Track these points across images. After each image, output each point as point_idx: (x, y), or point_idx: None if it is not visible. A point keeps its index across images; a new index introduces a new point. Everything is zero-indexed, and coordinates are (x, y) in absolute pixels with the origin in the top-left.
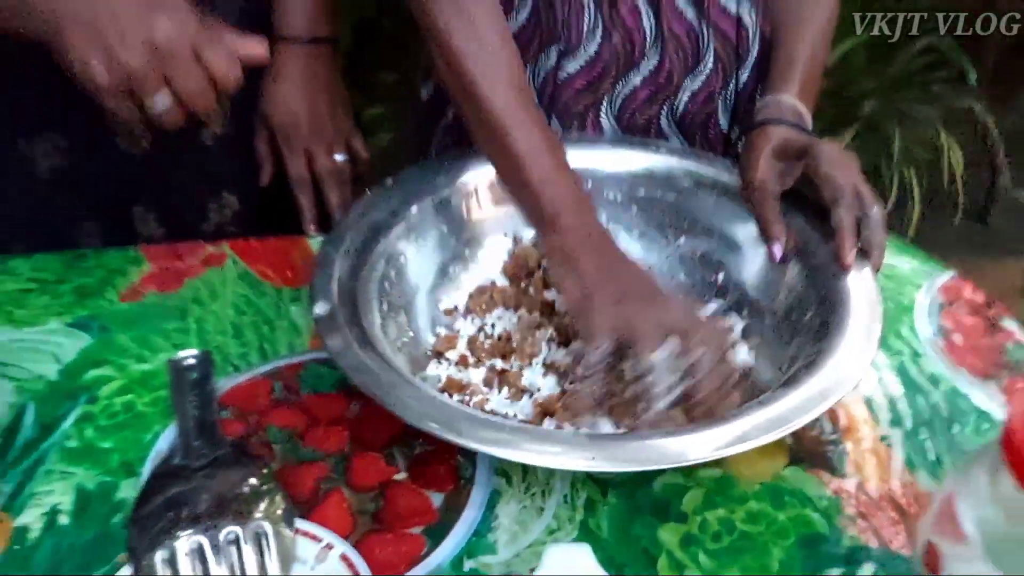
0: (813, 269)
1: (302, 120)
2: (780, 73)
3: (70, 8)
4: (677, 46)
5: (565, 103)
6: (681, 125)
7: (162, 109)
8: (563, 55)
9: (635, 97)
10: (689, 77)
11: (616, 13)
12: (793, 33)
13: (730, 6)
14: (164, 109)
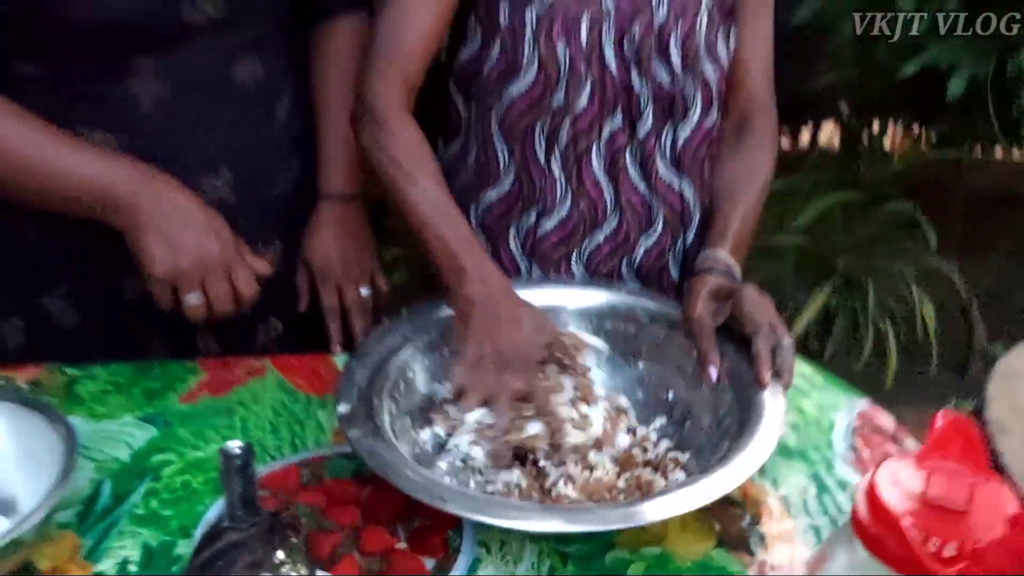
0: (739, 387)
1: (335, 262)
2: (718, 234)
3: (153, 219)
4: (633, 212)
5: (543, 253)
6: (639, 275)
7: (192, 304)
8: (540, 216)
9: (599, 251)
10: (643, 236)
11: (582, 185)
12: (729, 204)
13: (674, 183)
14: (193, 305)
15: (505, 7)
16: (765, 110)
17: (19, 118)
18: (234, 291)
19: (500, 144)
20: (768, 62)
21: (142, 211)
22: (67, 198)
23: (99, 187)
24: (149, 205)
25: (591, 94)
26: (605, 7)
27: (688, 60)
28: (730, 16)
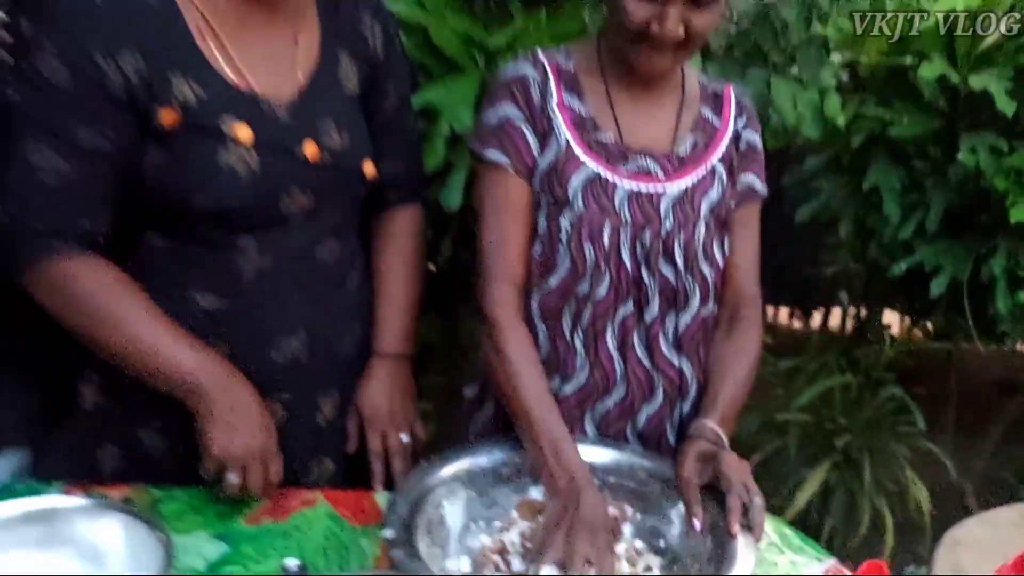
0: (718, 537)
1: (382, 412)
2: (708, 405)
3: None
4: (638, 384)
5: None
6: (641, 437)
7: (230, 483)
8: (563, 381)
9: (609, 415)
10: (646, 405)
11: (597, 358)
12: (719, 381)
13: (674, 361)
14: (231, 483)
15: (543, 217)
16: (752, 303)
17: (133, 295)
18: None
19: (537, 321)
20: (754, 264)
21: (214, 403)
22: (156, 372)
23: (187, 373)
24: (220, 399)
25: (609, 285)
26: (623, 217)
27: (689, 261)
28: (724, 227)
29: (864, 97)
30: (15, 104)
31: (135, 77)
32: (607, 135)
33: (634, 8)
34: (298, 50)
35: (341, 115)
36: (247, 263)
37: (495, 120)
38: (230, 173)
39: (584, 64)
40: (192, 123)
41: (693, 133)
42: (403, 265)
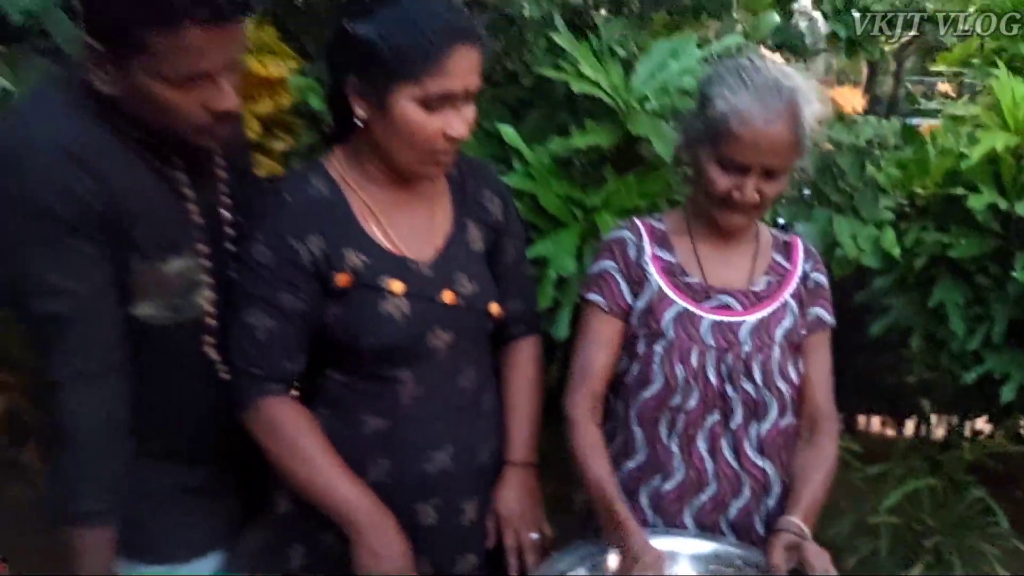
0: None
1: (516, 513)
2: (793, 504)
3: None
4: (727, 482)
5: (664, 508)
6: (733, 529)
7: None
8: (663, 480)
9: (704, 508)
10: (735, 500)
11: (691, 460)
12: (802, 484)
13: (757, 463)
14: None
15: (642, 344)
16: (828, 416)
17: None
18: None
19: (635, 427)
20: (828, 381)
21: (367, 534)
22: (325, 502)
23: (351, 509)
24: (371, 532)
25: (698, 399)
26: (707, 343)
27: (766, 379)
28: (797, 350)
29: (924, 223)
30: (235, 281)
31: (319, 253)
32: (693, 278)
33: (718, 179)
34: (436, 222)
35: (471, 269)
36: (405, 391)
37: (597, 271)
38: (388, 318)
39: (673, 225)
40: (360, 283)
41: (767, 275)
42: (527, 387)
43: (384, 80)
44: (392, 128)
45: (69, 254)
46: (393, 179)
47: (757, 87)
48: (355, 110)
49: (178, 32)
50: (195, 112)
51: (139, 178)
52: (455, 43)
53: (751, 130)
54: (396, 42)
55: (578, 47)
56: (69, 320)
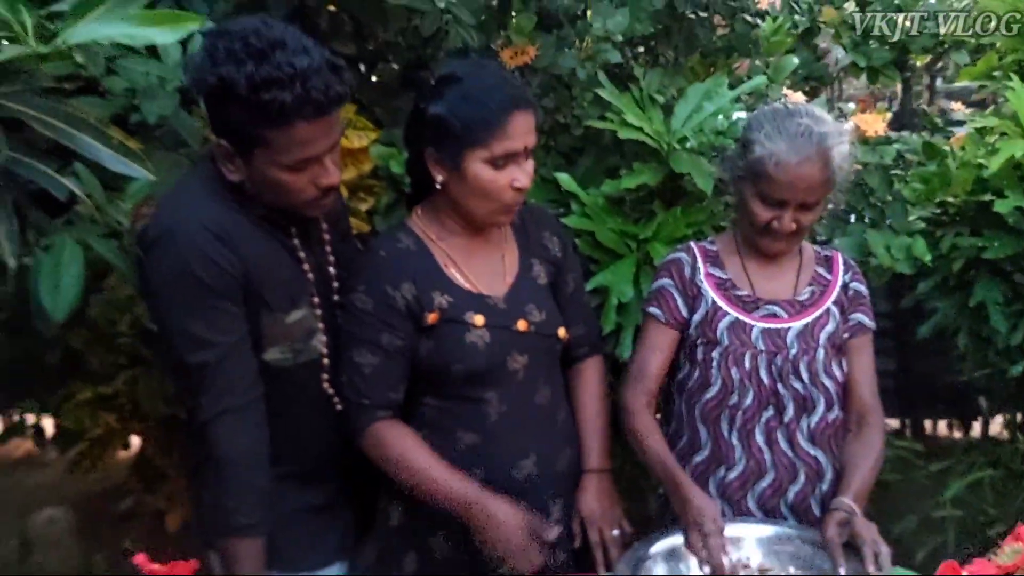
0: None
1: (597, 514)
2: (844, 487)
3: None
4: (784, 470)
5: (729, 496)
6: (792, 511)
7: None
8: (727, 470)
9: (764, 494)
10: (792, 486)
11: (750, 451)
12: (851, 470)
13: (809, 452)
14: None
15: (700, 351)
16: (873, 410)
17: (424, 449)
18: None
19: (700, 427)
20: (872, 379)
21: (486, 517)
22: (445, 500)
23: (467, 500)
24: (490, 514)
25: (753, 397)
26: (758, 347)
27: (812, 377)
28: (840, 351)
29: (958, 229)
30: (342, 326)
31: (411, 297)
32: (743, 291)
33: (759, 211)
34: (505, 263)
35: (539, 300)
36: (492, 410)
37: (656, 288)
38: (473, 347)
39: (724, 246)
40: (446, 319)
41: (811, 285)
42: (595, 402)
43: (457, 148)
44: (467, 187)
45: (214, 313)
46: (467, 229)
47: (790, 134)
48: (434, 175)
49: (290, 129)
50: (307, 189)
51: (265, 247)
52: (513, 110)
53: (786, 172)
54: (464, 116)
55: (621, 98)
56: (216, 367)
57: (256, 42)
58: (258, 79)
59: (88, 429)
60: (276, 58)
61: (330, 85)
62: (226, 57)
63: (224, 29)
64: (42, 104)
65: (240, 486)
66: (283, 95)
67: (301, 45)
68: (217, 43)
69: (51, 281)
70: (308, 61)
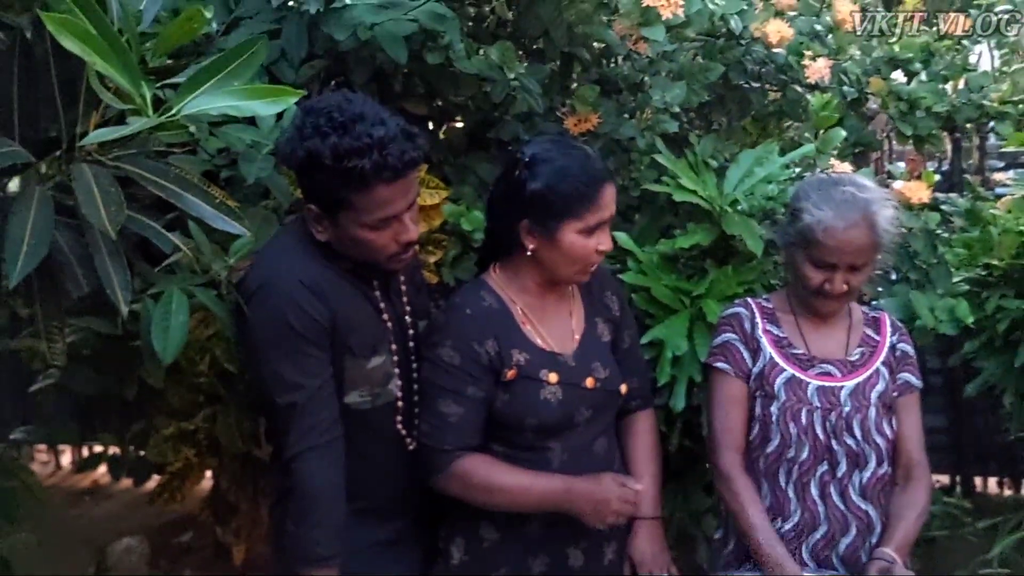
0: None
1: (647, 558)
2: (887, 538)
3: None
4: (836, 522)
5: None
6: (844, 563)
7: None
8: (783, 521)
9: (817, 545)
10: (843, 538)
11: (805, 503)
12: (896, 521)
13: (860, 505)
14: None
15: (759, 407)
16: (919, 464)
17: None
18: None
19: (762, 479)
20: (919, 436)
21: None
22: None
23: (555, 496)
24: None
25: (809, 452)
26: (814, 404)
27: (865, 435)
28: (890, 410)
29: (1004, 292)
30: (427, 378)
31: (493, 353)
32: (798, 349)
33: (811, 275)
34: (573, 321)
35: (603, 357)
36: (555, 458)
37: (721, 342)
38: (546, 403)
39: (778, 304)
40: (523, 375)
41: (860, 346)
42: (647, 453)
43: (555, 220)
44: (560, 254)
45: (304, 358)
46: (542, 288)
47: (836, 201)
48: (526, 244)
49: (370, 191)
50: (389, 246)
51: (350, 298)
52: (604, 183)
53: (834, 238)
54: (563, 191)
55: (677, 164)
56: (303, 407)
57: (339, 116)
58: (341, 150)
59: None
60: (357, 130)
61: (405, 151)
62: (313, 132)
63: (311, 107)
64: (154, 166)
65: (321, 519)
66: (363, 162)
67: (379, 117)
68: (305, 120)
69: (161, 327)
70: (384, 131)
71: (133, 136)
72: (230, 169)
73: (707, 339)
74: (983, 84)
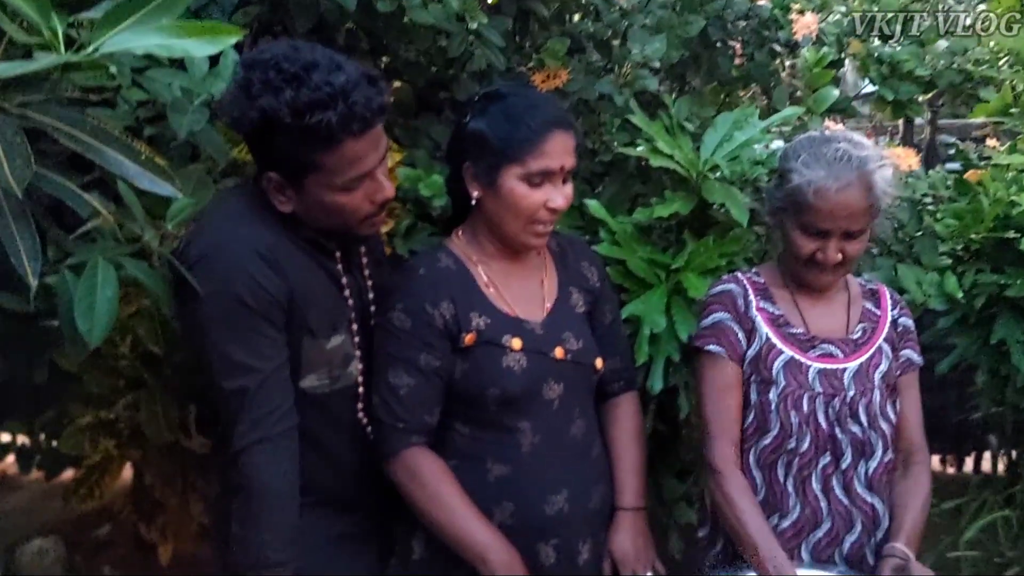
0: None
1: (630, 555)
2: (895, 531)
3: None
4: (840, 518)
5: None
6: (847, 561)
7: None
8: (781, 517)
9: (819, 543)
10: (848, 535)
11: (806, 498)
12: (902, 511)
13: (867, 499)
14: None
15: (755, 392)
16: (921, 448)
17: (454, 484)
18: None
19: (755, 471)
20: (919, 418)
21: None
22: (460, 543)
23: (482, 548)
24: (502, 569)
25: (810, 442)
26: (816, 390)
27: (871, 420)
28: (893, 391)
29: (980, 267)
30: (378, 346)
31: (449, 316)
32: (797, 329)
33: (803, 243)
34: (544, 290)
35: (576, 328)
36: (524, 440)
37: (711, 322)
38: (509, 371)
39: (770, 279)
40: (483, 341)
41: (862, 322)
42: (631, 439)
43: (494, 163)
44: (502, 203)
45: (256, 338)
46: (505, 252)
47: (829, 160)
48: (470, 191)
49: (339, 148)
50: (363, 207)
51: (309, 271)
52: (552, 128)
53: (827, 200)
54: (503, 131)
55: (652, 125)
56: (254, 393)
57: (289, 67)
58: (300, 104)
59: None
60: (313, 80)
61: (371, 97)
62: (262, 88)
63: (253, 59)
64: (68, 116)
65: (273, 519)
66: (327, 115)
67: (334, 62)
68: (250, 75)
69: (85, 303)
70: (345, 77)
71: (42, 80)
72: (155, 126)
73: (686, 316)
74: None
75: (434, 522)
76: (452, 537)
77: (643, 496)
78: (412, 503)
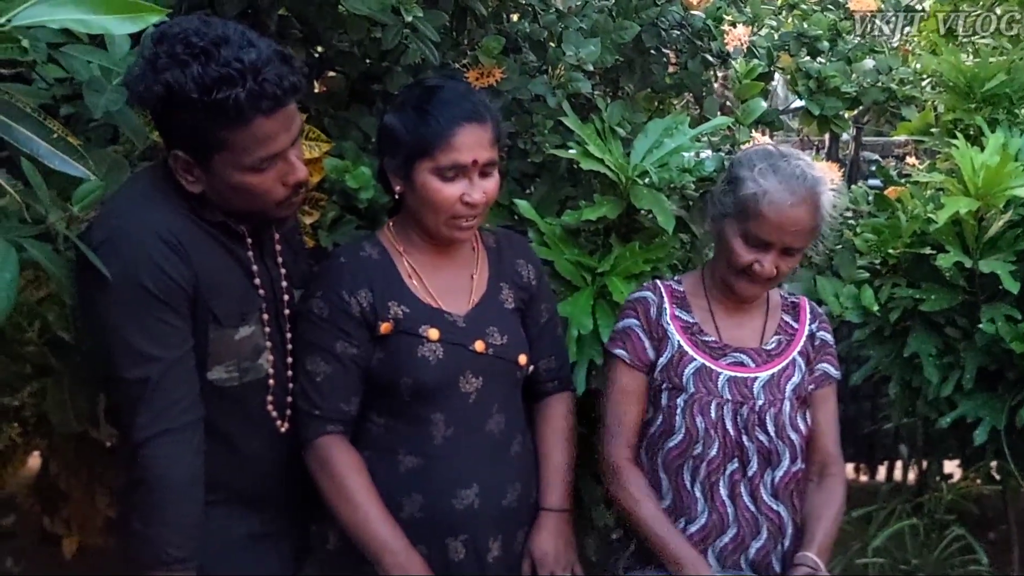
0: None
1: (550, 556)
2: (808, 541)
3: None
4: (746, 524)
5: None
6: (752, 567)
7: None
8: (688, 522)
9: (726, 548)
10: (754, 541)
11: (713, 504)
12: (814, 522)
13: (773, 505)
14: None
15: (664, 397)
16: (836, 461)
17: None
18: None
19: (662, 474)
20: (834, 430)
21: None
22: (361, 538)
23: (381, 548)
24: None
25: (717, 448)
26: (724, 396)
27: (779, 430)
28: (804, 403)
29: (897, 281)
30: (300, 335)
31: (366, 305)
32: (710, 337)
33: (742, 252)
34: (473, 284)
35: (502, 323)
36: (438, 432)
37: (622, 327)
38: (424, 360)
39: (691, 288)
40: (400, 330)
41: (777, 334)
42: (560, 439)
43: (407, 158)
44: (418, 197)
45: (159, 326)
46: (432, 244)
47: (787, 175)
48: (392, 185)
49: (248, 126)
50: (275, 189)
51: (217, 257)
52: (460, 123)
53: (777, 211)
54: (412, 126)
55: (584, 128)
56: (156, 384)
57: (198, 41)
58: (208, 80)
59: None
60: (223, 55)
61: (283, 75)
62: (169, 62)
63: (162, 33)
64: None
65: (173, 515)
66: (236, 92)
67: (246, 38)
68: (158, 49)
69: None
70: (256, 54)
71: None
72: (71, 105)
73: (610, 319)
74: (892, 65)
75: (339, 515)
76: (353, 532)
77: (569, 498)
78: (321, 493)
